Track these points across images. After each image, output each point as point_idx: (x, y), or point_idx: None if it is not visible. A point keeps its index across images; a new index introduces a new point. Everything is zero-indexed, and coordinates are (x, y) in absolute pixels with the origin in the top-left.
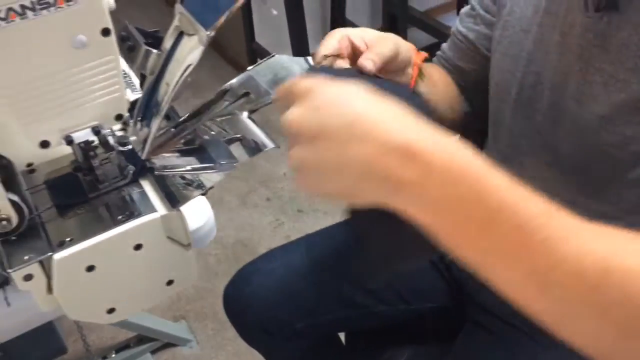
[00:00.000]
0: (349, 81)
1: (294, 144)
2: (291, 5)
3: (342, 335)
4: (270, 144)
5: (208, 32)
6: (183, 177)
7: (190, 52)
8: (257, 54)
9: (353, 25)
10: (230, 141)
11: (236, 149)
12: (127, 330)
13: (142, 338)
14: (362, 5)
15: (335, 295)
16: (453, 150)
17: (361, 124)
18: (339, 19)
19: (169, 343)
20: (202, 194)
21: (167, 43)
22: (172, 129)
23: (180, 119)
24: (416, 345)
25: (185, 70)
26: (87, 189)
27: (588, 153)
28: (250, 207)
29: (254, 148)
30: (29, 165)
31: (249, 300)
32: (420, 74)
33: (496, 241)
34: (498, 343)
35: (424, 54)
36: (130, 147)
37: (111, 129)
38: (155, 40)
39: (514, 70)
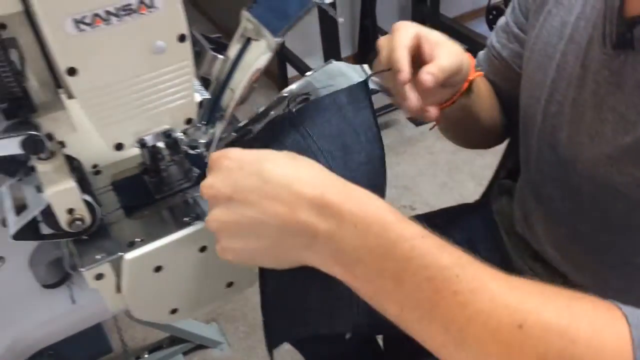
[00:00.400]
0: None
1: (211, 209)
2: (324, 11)
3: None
4: None
5: (277, 39)
6: None
7: (257, 57)
8: (287, 59)
9: (383, 31)
10: None
11: None
12: (159, 331)
13: (175, 339)
14: (391, 10)
15: None
16: (365, 201)
17: (274, 182)
18: (369, 25)
19: (201, 345)
20: None
21: (233, 49)
22: (233, 133)
23: (241, 124)
24: None
25: (252, 76)
26: (152, 190)
27: (604, 190)
28: None
29: None
30: (94, 166)
31: None
32: (469, 89)
33: (410, 294)
34: None
35: (480, 73)
36: (199, 150)
37: (181, 132)
38: (218, 46)
39: (539, 96)
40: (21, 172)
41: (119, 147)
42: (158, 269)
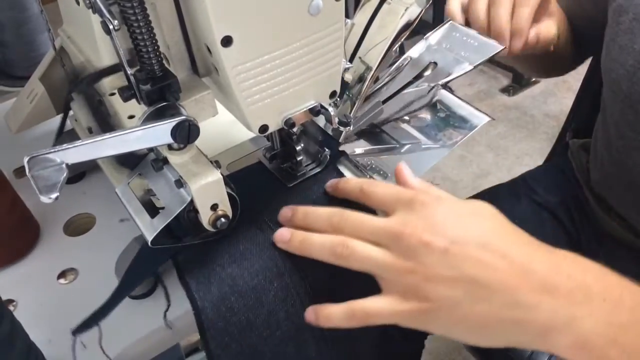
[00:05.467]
0: None
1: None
2: None
3: None
4: (484, 117)
5: None
6: (356, 163)
7: (397, 18)
8: None
9: None
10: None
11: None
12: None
13: None
14: None
15: None
16: (598, 269)
17: (500, 241)
18: None
19: None
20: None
21: (362, 13)
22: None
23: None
24: None
25: (392, 40)
26: (282, 178)
27: None
28: None
29: (466, 125)
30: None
31: None
32: None
33: None
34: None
35: None
36: (349, 128)
37: (326, 108)
38: None
39: (624, 62)
40: (140, 167)
41: (264, 129)
42: None
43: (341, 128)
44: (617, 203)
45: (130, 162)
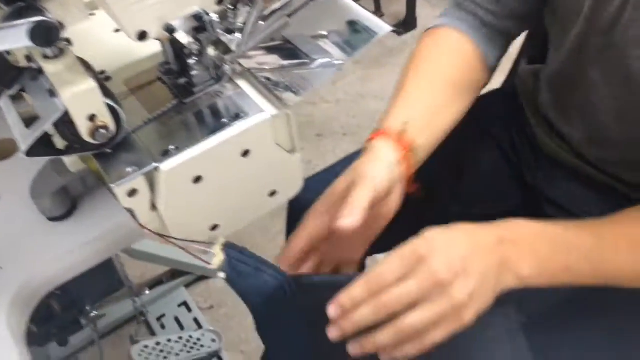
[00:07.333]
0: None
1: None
2: None
3: None
4: (386, 27)
5: None
6: (268, 79)
7: None
8: None
9: None
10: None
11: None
12: (157, 265)
13: (174, 273)
14: None
15: None
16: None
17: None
18: None
19: (202, 276)
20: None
21: None
22: (261, 22)
23: (270, 9)
24: None
25: None
26: (178, 93)
27: None
28: None
29: (367, 33)
30: (102, 73)
31: None
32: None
33: None
34: None
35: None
36: (239, 35)
37: (210, 15)
38: None
39: None
40: (21, 80)
41: (142, 36)
42: (197, 179)
43: (228, 36)
44: (560, 121)
45: (8, 75)
